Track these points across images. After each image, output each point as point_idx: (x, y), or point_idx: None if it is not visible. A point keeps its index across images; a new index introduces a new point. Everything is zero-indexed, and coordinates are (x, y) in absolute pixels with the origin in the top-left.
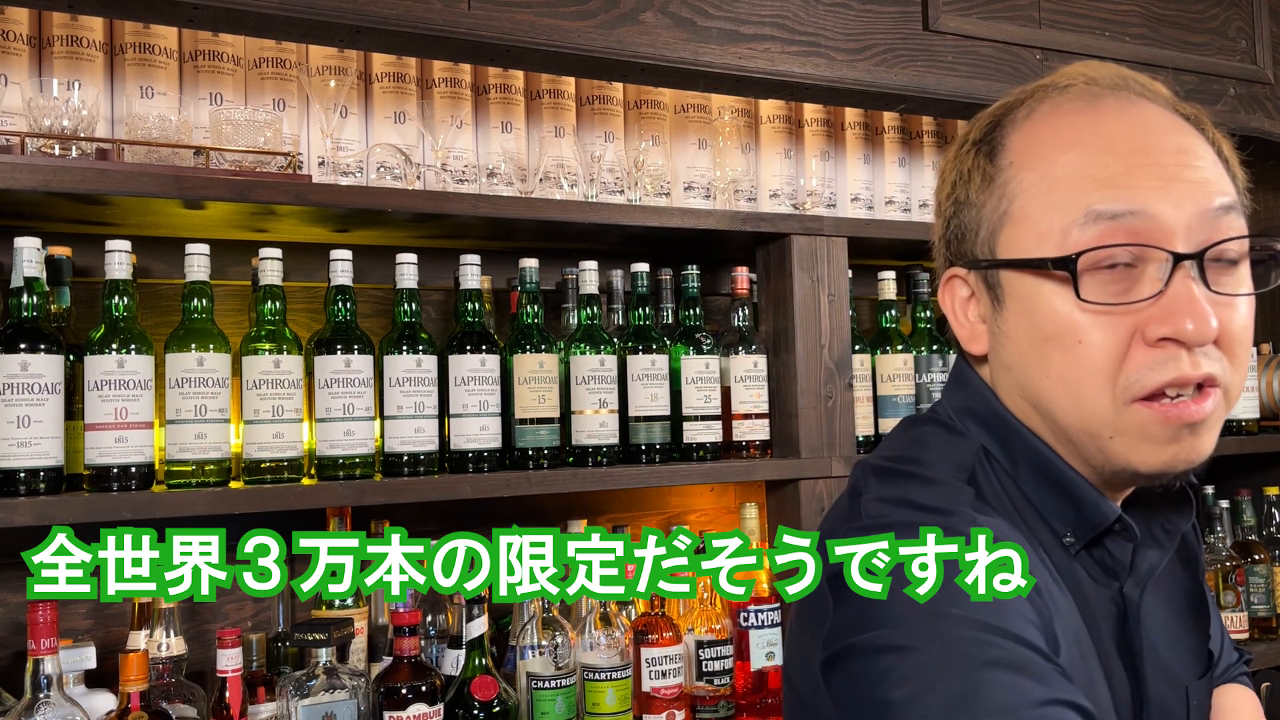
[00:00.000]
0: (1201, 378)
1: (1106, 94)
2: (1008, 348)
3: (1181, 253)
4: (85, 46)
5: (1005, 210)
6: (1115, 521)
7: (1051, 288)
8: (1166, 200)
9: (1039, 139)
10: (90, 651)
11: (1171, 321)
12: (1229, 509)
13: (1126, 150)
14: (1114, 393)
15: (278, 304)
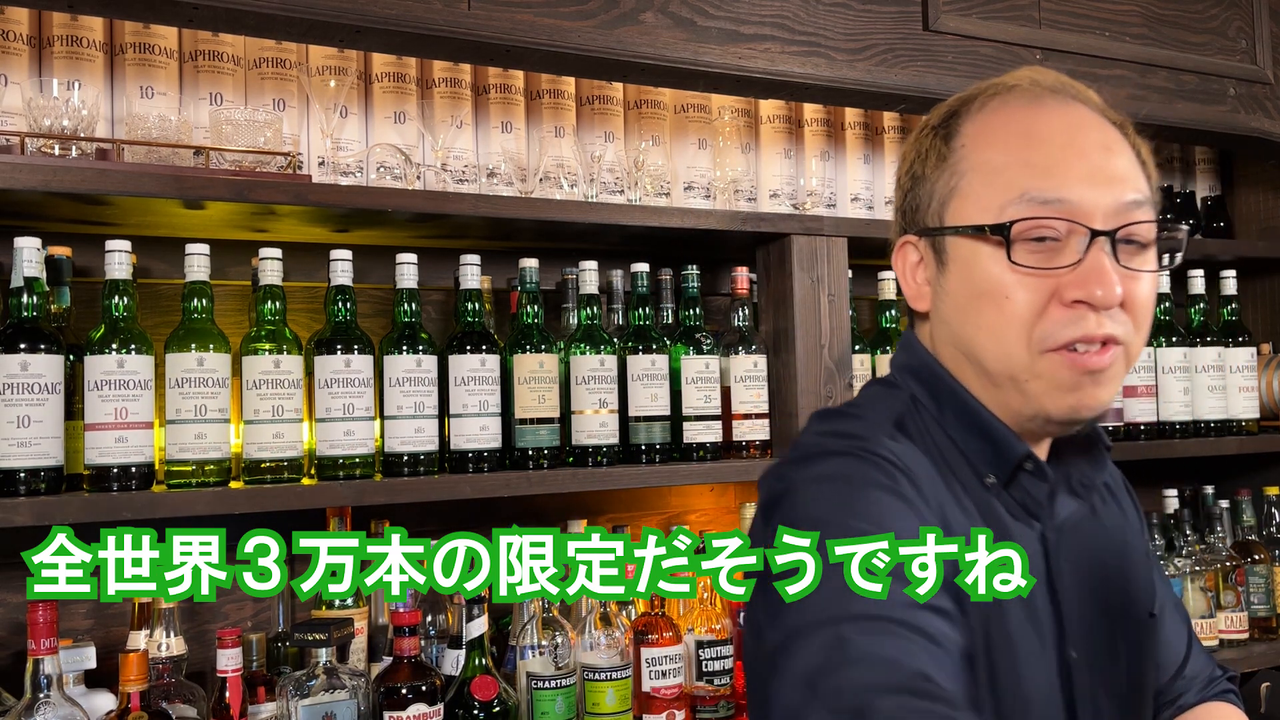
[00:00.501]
0: (1104, 336)
1: (1047, 95)
2: (947, 304)
3: (1098, 229)
4: (85, 46)
5: (954, 185)
6: (1027, 460)
7: (988, 251)
8: (1089, 189)
9: (988, 128)
10: (90, 651)
11: (1084, 287)
12: (1229, 509)
13: (1060, 144)
14: (1030, 342)
15: (278, 304)
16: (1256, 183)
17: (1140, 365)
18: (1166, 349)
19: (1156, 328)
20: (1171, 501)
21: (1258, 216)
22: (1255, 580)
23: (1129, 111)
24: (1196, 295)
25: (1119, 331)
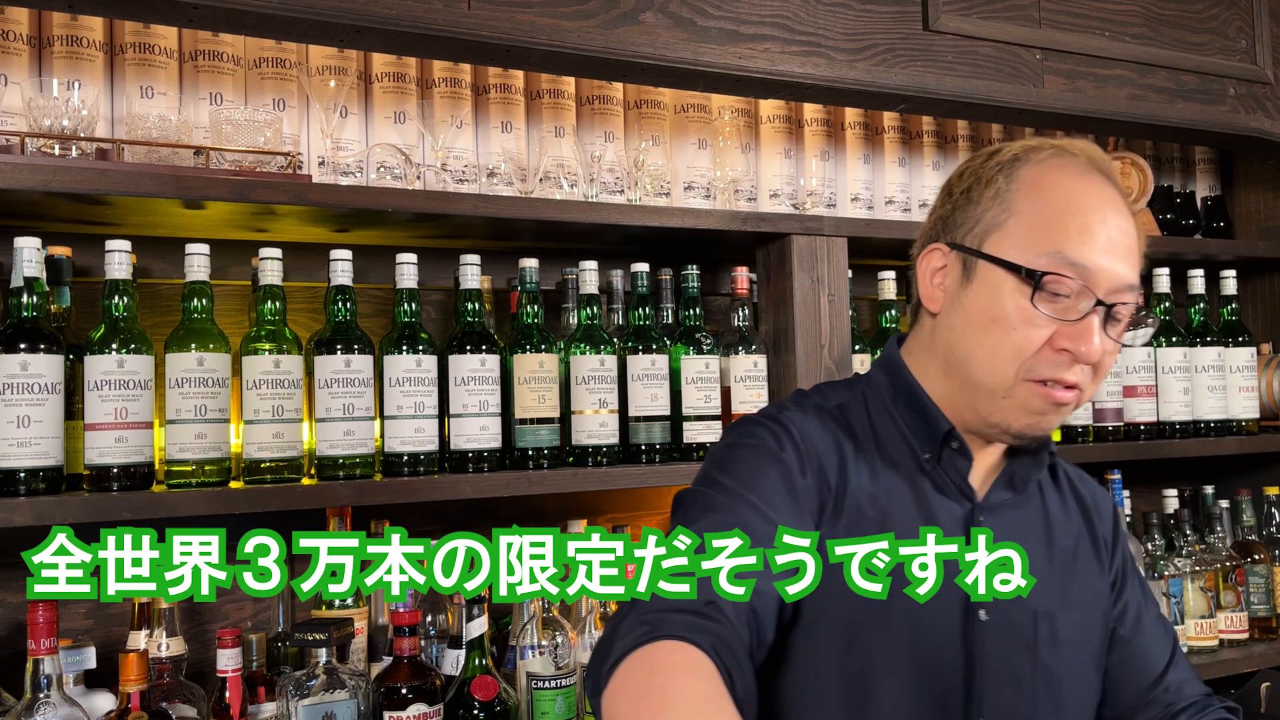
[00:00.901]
0: (1072, 382)
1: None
2: (958, 313)
3: (1102, 300)
4: (85, 46)
5: (1002, 220)
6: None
7: (1014, 286)
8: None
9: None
10: (90, 652)
11: (1076, 341)
12: (1229, 509)
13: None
14: (1018, 369)
15: (278, 304)
16: (1256, 183)
17: (1140, 365)
18: (1166, 349)
19: (1157, 328)
20: (1171, 501)
21: (1258, 216)
22: (1255, 580)
23: (1129, 111)
24: (1196, 295)
25: (1083, 381)
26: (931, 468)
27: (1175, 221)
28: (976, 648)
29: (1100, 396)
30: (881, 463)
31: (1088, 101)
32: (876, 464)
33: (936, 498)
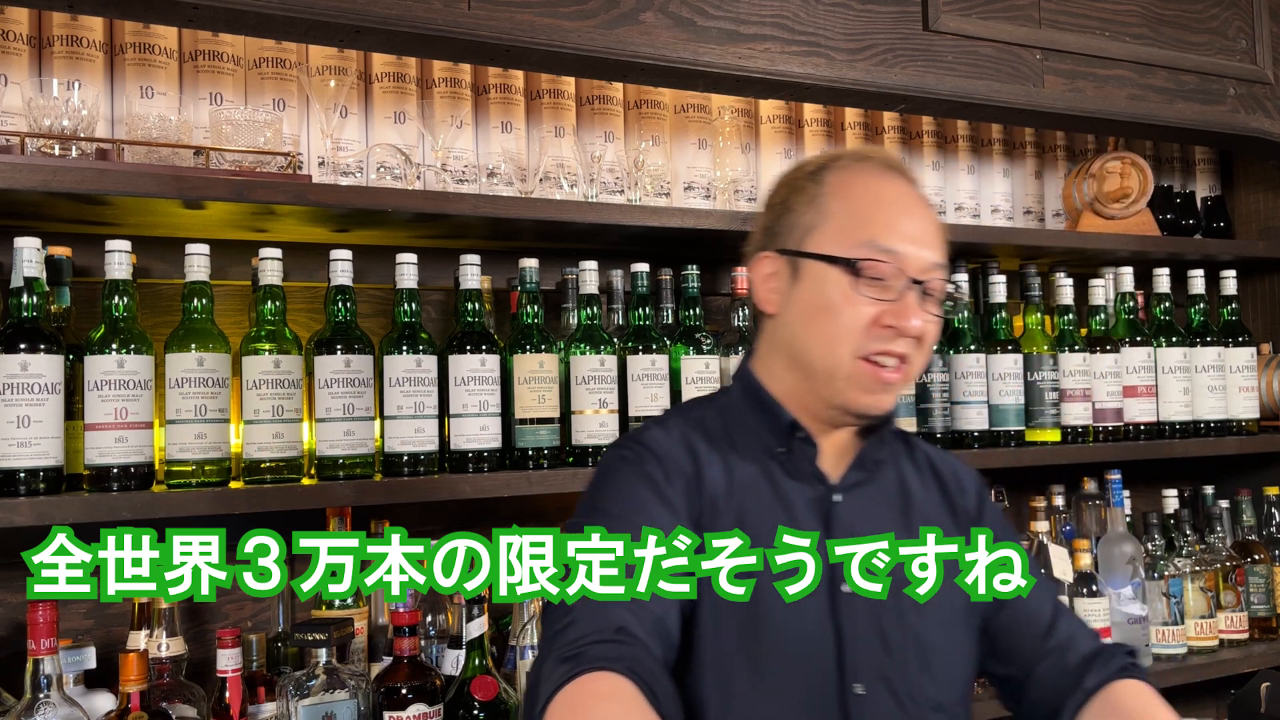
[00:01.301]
0: (900, 353)
1: (892, 172)
2: (793, 310)
3: (915, 278)
4: (85, 46)
5: (816, 222)
6: (797, 430)
7: (836, 276)
8: (914, 248)
9: (849, 185)
10: (90, 652)
11: (898, 317)
12: (1229, 509)
13: (900, 213)
14: (850, 350)
15: (278, 304)
16: (1256, 183)
17: (1140, 365)
18: (1166, 349)
19: (1157, 327)
20: (1171, 501)
21: (1258, 216)
22: (1255, 580)
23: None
24: (1196, 295)
25: (910, 353)
26: (785, 459)
27: (1175, 221)
28: (844, 619)
29: (1100, 397)
30: (736, 458)
31: (1088, 101)
32: (731, 460)
33: (790, 483)
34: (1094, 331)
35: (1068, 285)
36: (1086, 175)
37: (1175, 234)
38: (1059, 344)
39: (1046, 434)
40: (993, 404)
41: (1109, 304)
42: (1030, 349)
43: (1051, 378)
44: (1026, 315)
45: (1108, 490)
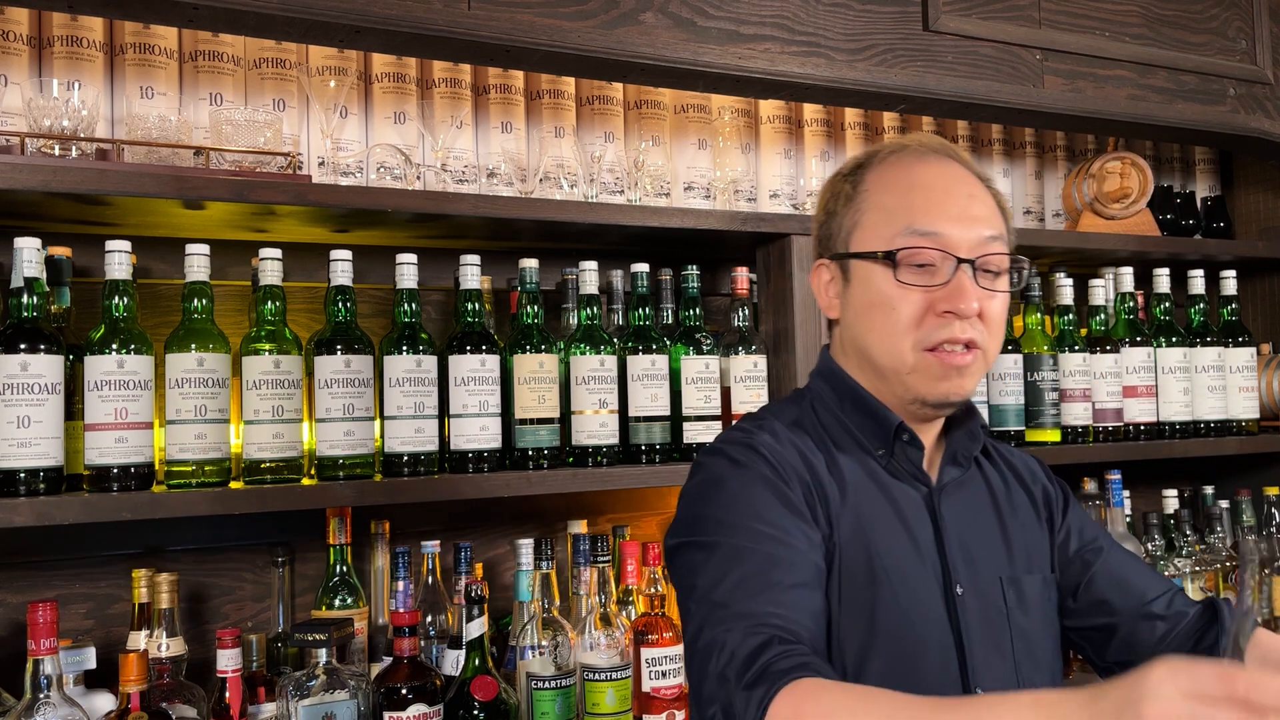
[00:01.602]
0: (966, 339)
1: (930, 154)
2: (850, 312)
3: (963, 257)
4: (85, 46)
5: (857, 221)
6: (903, 432)
7: (880, 272)
8: (956, 227)
9: (885, 178)
10: (90, 652)
11: (951, 301)
12: (1229, 509)
13: (937, 191)
14: (912, 344)
15: (278, 304)
16: (1256, 183)
17: (1140, 365)
18: (1166, 349)
19: (1157, 328)
20: (1171, 502)
21: (1258, 216)
22: None
23: (1129, 112)
24: (1196, 295)
25: (977, 337)
26: (886, 462)
27: (1175, 222)
28: (961, 623)
29: (1100, 397)
30: (842, 461)
31: (1087, 102)
32: (837, 460)
33: (897, 485)
34: (1094, 331)
35: (1068, 285)
36: (1086, 175)
37: (1175, 234)
38: (1059, 344)
39: (1046, 434)
40: (993, 404)
41: (1109, 304)
42: (1030, 349)
43: (1051, 378)
44: (1026, 315)
45: (1108, 490)
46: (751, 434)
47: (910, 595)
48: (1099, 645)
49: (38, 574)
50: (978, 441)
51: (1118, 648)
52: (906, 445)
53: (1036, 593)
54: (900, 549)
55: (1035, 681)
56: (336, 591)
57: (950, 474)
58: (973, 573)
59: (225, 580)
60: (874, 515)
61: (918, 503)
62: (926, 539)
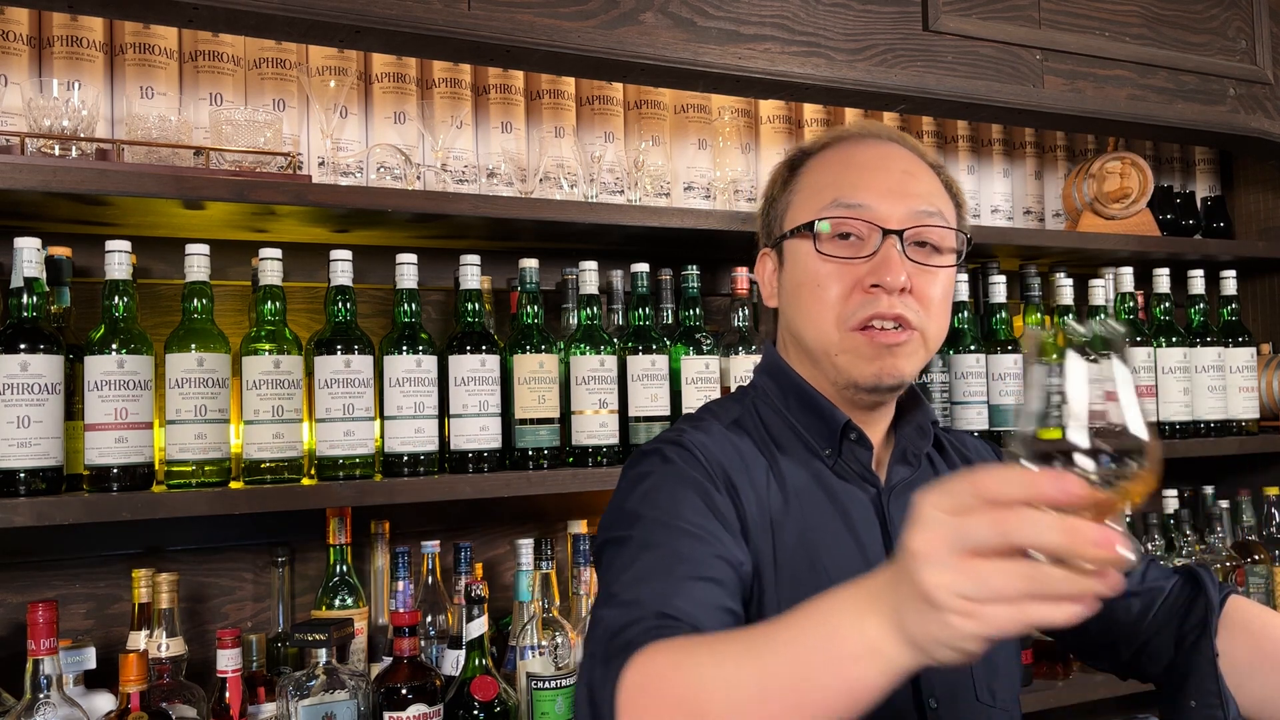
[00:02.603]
0: (895, 315)
1: (870, 137)
2: (784, 295)
3: (889, 229)
4: (85, 46)
5: (790, 201)
6: (850, 430)
7: (806, 248)
8: (886, 199)
9: (821, 161)
10: (90, 652)
11: (877, 273)
12: (1229, 509)
13: (869, 169)
14: (839, 322)
15: (278, 304)
16: (1256, 183)
17: (1139, 365)
18: (1166, 349)
19: (1157, 328)
20: (1171, 502)
21: (1258, 216)
22: (1255, 580)
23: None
24: (1196, 295)
25: (910, 315)
26: (833, 463)
27: (1175, 222)
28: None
29: None
30: (785, 465)
31: (1088, 102)
32: (780, 467)
33: (844, 488)
34: None
35: (1068, 285)
36: (1086, 175)
37: (1175, 234)
38: None
39: (1047, 434)
40: (992, 404)
41: (1109, 304)
42: None
43: None
44: (1026, 315)
45: None
46: (685, 432)
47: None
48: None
49: (38, 574)
50: (927, 438)
51: (1097, 631)
52: (854, 445)
53: None
54: (846, 556)
55: (993, 687)
56: (336, 591)
57: (900, 473)
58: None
59: (225, 580)
60: (819, 521)
61: (866, 505)
62: (874, 544)
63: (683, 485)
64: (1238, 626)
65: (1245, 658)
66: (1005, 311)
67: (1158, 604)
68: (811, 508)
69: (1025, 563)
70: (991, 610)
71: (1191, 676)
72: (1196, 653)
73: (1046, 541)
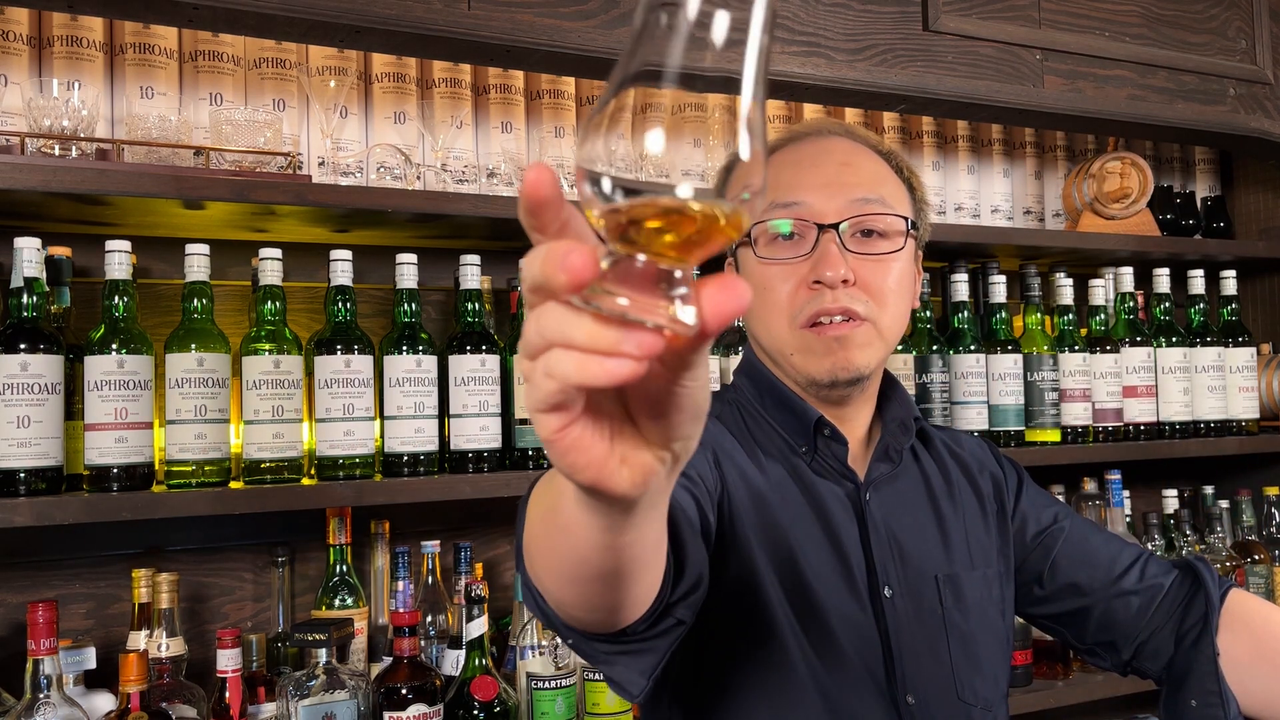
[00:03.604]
0: (840, 309)
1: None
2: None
3: (823, 224)
4: (85, 46)
5: None
6: (825, 427)
7: (750, 253)
8: (821, 194)
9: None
10: (90, 652)
11: (817, 270)
12: (1229, 509)
13: (804, 166)
14: (788, 321)
15: (278, 304)
16: (1256, 183)
17: (1140, 365)
18: (1166, 349)
19: (1157, 328)
20: (1171, 501)
21: (1258, 216)
22: (1255, 580)
23: (1129, 112)
24: (1196, 295)
25: (858, 307)
26: (810, 459)
27: (1175, 221)
28: (889, 626)
29: (1100, 397)
30: (764, 459)
31: (1088, 102)
32: (759, 460)
33: (823, 484)
34: (1094, 332)
35: (1068, 285)
36: (1086, 175)
37: (1175, 234)
38: (1059, 344)
39: (1046, 434)
40: (992, 404)
41: (1109, 304)
42: (1030, 349)
43: (1051, 378)
44: (1026, 315)
45: (1107, 490)
46: None
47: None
48: (1076, 629)
49: (38, 574)
50: (910, 433)
51: (1095, 629)
52: (829, 440)
53: (978, 590)
54: (822, 552)
55: (974, 685)
56: (336, 591)
57: (880, 469)
58: (905, 573)
59: (225, 580)
60: (795, 518)
61: (843, 501)
62: (852, 539)
63: None
64: (1239, 623)
65: (1246, 656)
66: (1005, 311)
67: (1157, 601)
68: (788, 503)
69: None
70: (538, 417)
71: (1192, 675)
72: (1197, 651)
73: (571, 338)
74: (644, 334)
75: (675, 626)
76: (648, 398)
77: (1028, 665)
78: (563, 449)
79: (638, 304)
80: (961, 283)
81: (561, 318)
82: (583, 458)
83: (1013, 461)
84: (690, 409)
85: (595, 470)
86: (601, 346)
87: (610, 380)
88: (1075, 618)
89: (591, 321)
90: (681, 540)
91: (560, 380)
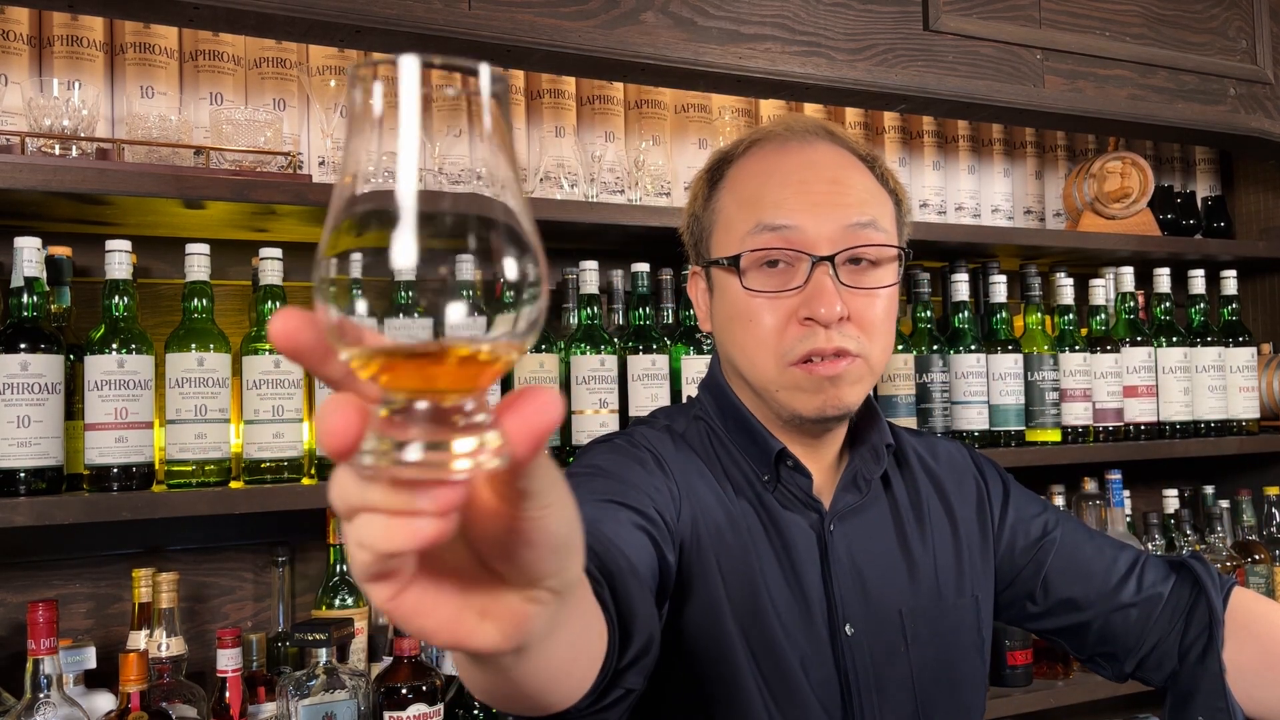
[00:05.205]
0: (834, 349)
1: (793, 138)
2: (718, 324)
3: (818, 255)
4: (85, 46)
5: (713, 222)
6: (786, 458)
7: (733, 280)
8: (814, 218)
9: (742, 173)
10: (90, 652)
11: (809, 306)
12: (1229, 509)
13: (793, 181)
14: (776, 358)
15: (278, 304)
16: (1256, 183)
17: (1140, 365)
18: (1166, 349)
19: (1157, 328)
20: (1171, 501)
21: (1258, 216)
22: (1255, 580)
23: (1129, 111)
24: (1196, 295)
25: (850, 345)
26: (773, 488)
27: (1175, 221)
28: (848, 664)
29: (1100, 397)
30: (729, 487)
31: (1088, 102)
32: (725, 488)
33: (785, 515)
34: (1094, 331)
35: (1068, 285)
36: (1087, 175)
37: (1175, 234)
38: (1059, 344)
39: (1047, 434)
40: (993, 404)
41: (1109, 304)
42: (1030, 349)
43: (1052, 378)
44: (1026, 315)
45: (1108, 490)
46: (634, 432)
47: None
48: (1075, 642)
49: (38, 574)
50: (881, 462)
51: (1095, 641)
52: (792, 471)
53: (949, 621)
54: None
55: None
56: (337, 591)
57: (845, 499)
58: (867, 608)
59: (225, 580)
60: (757, 552)
61: (807, 534)
62: (813, 575)
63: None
64: (1244, 630)
65: (1253, 663)
66: (1005, 311)
67: (1157, 610)
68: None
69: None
70: (365, 588)
71: (1199, 692)
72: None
73: (369, 501)
74: (440, 488)
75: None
76: (488, 539)
77: (1028, 665)
78: (403, 616)
79: (426, 456)
80: (962, 283)
81: (355, 480)
82: (430, 622)
83: (995, 466)
84: (545, 542)
85: (449, 632)
86: (399, 507)
87: (418, 544)
88: (1073, 631)
89: (384, 481)
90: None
91: (370, 550)
